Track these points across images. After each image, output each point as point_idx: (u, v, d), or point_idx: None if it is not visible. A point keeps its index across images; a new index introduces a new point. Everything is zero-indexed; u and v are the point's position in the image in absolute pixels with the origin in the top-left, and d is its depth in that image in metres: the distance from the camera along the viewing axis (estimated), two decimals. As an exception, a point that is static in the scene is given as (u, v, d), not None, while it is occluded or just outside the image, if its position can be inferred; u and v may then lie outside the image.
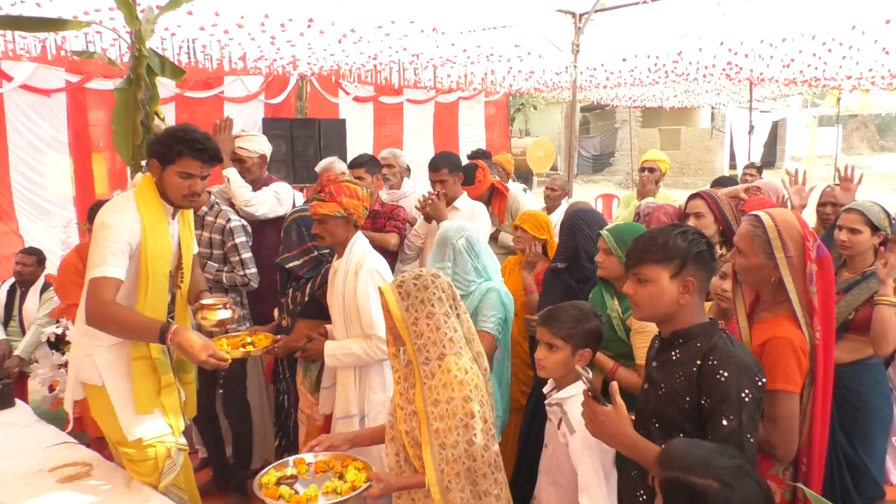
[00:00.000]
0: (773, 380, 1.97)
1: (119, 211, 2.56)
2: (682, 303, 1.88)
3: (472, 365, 2.17)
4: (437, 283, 2.19)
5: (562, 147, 20.80)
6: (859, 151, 30.62)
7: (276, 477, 2.26)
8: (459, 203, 4.23)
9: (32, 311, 4.74)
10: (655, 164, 5.24)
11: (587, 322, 2.34)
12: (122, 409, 2.60)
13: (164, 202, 2.64)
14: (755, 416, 1.71)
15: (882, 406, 2.97)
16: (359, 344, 2.83)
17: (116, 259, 2.46)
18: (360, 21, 6.02)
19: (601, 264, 2.79)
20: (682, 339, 1.90)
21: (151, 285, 2.57)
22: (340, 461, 2.34)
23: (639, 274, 1.91)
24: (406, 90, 9.17)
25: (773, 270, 2.10)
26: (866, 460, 2.88)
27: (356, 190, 2.94)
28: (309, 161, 7.04)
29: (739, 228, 2.23)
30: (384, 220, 4.20)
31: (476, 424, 2.10)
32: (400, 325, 2.16)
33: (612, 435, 1.83)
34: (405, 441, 2.24)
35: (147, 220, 2.55)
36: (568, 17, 6.53)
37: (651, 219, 3.47)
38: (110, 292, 2.45)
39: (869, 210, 3.01)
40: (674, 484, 1.45)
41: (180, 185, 2.59)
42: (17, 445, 3.02)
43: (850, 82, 10.70)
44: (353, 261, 2.90)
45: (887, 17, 5.96)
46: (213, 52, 6.90)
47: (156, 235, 2.58)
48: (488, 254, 3.12)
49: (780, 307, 2.13)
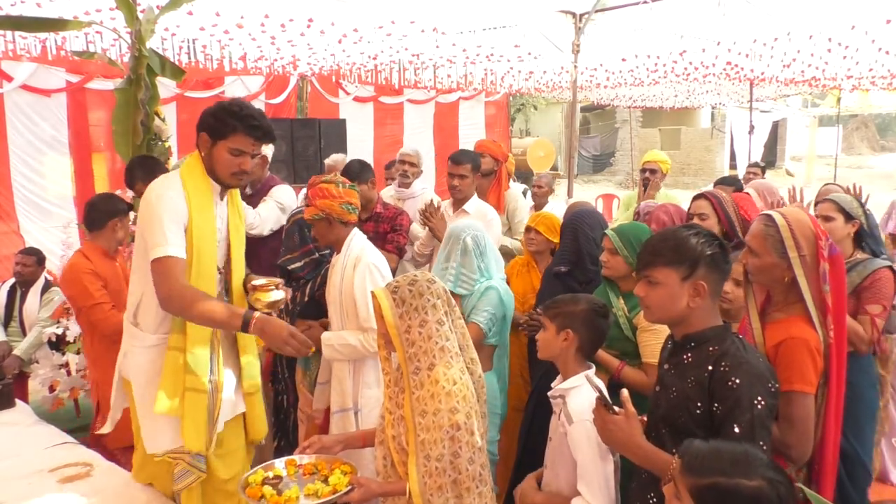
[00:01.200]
0: (789, 380, 1.96)
1: (165, 188, 2.42)
2: (693, 306, 1.85)
3: (463, 375, 2.12)
4: (433, 290, 2.14)
5: (562, 147, 20.79)
6: (859, 151, 30.61)
7: (263, 477, 2.25)
8: (469, 206, 4.09)
9: (33, 311, 4.74)
10: (657, 164, 5.23)
11: (574, 305, 2.32)
12: (143, 413, 2.49)
13: (212, 180, 2.50)
14: (767, 423, 1.70)
15: (870, 394, 3.00)
16: (356, 336, 2.84)
17: (175, 237, 2.34)
18: (361, 21, 6.02)
19: (606, 264, 2.79)
20: (695, 342, 1.87)
21: (196, 266, 2.41)
22: (329, 464, 2.32)
23: (649, 276, 1.88)
24: (406, 90, 9.17)
25: (785, 270, 2.08)
26: (857, 448, 2.90)
27: (328, 189, 2.93)
28: (309, 161, 7.03)
29: (752, 228, 2.21)
30: (387, 224, 4.06)
31: (462, 437, 2.04)
32: (392, 331, 2.11)
33: (622, 443, 1.82)
34: (391, 446, 2.20)
35: (193, 197, 2.42)
36: (568, 17, 6.53)
37: (651, 218, 3.47)
38: (180, 272, 2.32)
39: (841, 199, 3.07)
40: (716, 490, 1.40)
41: (230, 162, 2.44)
42: (18, 445, 3.02)
43: (850, 82, 10.70)
44: (350, 256, 2.92)
45: (887, 17, 5.96)
46: (214, 52, 6.90)
47: (202, 213, 2.44)
48: (493, 253, 3.11)
49: (792, 307, 2.11)
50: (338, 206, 2.91)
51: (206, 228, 2.45)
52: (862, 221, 3.04)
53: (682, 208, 3.57)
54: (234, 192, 2.65)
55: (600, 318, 2.34)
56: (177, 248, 2.32)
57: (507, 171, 4.77)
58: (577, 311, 2.30)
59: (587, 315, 2.31)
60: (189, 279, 2.38)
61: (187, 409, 2.42)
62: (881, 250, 3.09)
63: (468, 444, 2.05)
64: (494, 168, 4.52)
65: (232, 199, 2.64)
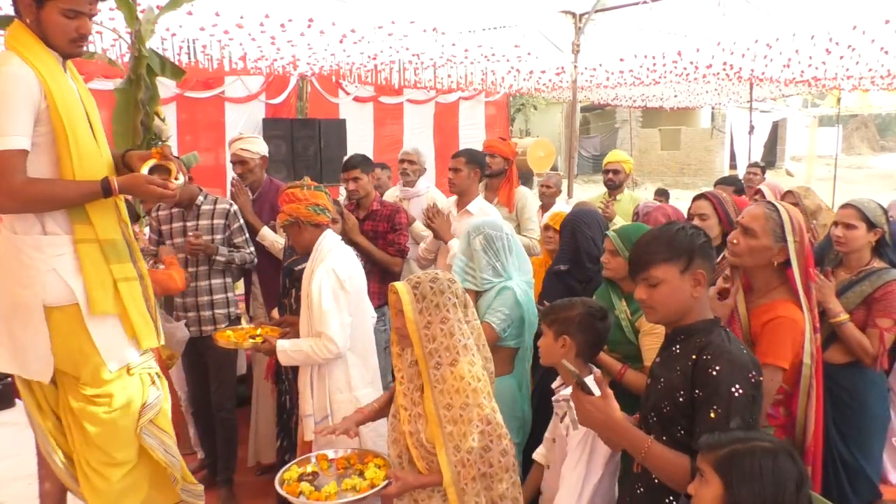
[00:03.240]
0: (764, 353, 2.13)
1: (2, 65, 2.05)
2: (696, 296, 1.88)
3: (484, 373, 2.19)
4: (453, 289, 2.20)
5: (562, 147, 20.80)
6: (859, 151, 30.62)
7: (298, 473, 2.28)
8: (473, 207, 4.04)
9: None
10: (619, 164, 5.25)
11: (570, 310, 2.34)
12: (94, 325, 2.18)
13: (50, 49, 2.16)
14: (744, 413, 1.73)
15: (878, 407, 2.95)
16: (308, 342, 2.84)
17: (18, 124, 2.01)
18: (361, 21, 6.02)
19: (607, 265, 2.79)
20: (684, 335, 1.91)
21: (75, 147, 2.12)
22: (361, 457, 2.36)
23: (648, 278, 1.90)
24: (406, 90, 9.15)
25: (776, 254, 2.22)
26: (861, 461, 2.87)
27: (293, 193, 2.97)
28: (309, 161, 7.04)
29: (750, 210, 2.33)
30: (385, 223, 4.05)
31: (493, 430, 2.11)
32: (411, 326, 2.14)
33: (600, 423, 1.84)
34: (409, 442, 2.23)
35: (41, 67, 2.08)
36: (568, 17, 6.53)
37: (650, 219, 3.48)
38: (19, 164, 2.03)
39: (865, 206, 2.93)
40: (736, 454, 1.51)
41: (66, 27, 2.12)
42: (17, 445, 3.02)
43: (850, 82, 10.69)
44: (317, 259, 2.93)
45: (887, 17, 5.96)
46: (214, 52, 6.89)
47: (60, 85, 2.11)
48: (514, 254, 3.03)
49: (775, 292, 2.25)
50: (304, 208, 2.92)
51: (71, 101, 2.14)
52: (885, 230, 2.91)
53: (679, 209, 3.60)
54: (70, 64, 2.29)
55: (597, 322, 2.36)
56: (16, 140, 2.02)
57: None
58: (573, 316, 2.33)
59: (583, 319, 2.33)
60: (71, 166, 2.12)
61: (129, 303, 2.23)
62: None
63: (499, 437, 2.12)
64: (505, 168, 4.52)
65: (73, 73, 2.29)
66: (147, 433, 2.30)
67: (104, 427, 2.23)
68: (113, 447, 2.25)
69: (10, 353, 2.21)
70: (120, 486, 2.26)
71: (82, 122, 2.18)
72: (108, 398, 2.24)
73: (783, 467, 1.47)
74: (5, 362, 2.22)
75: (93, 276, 2.18)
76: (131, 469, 2.29)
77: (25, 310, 2.15)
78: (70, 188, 2.13)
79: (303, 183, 3.02)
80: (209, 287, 3.71)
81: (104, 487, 2.24)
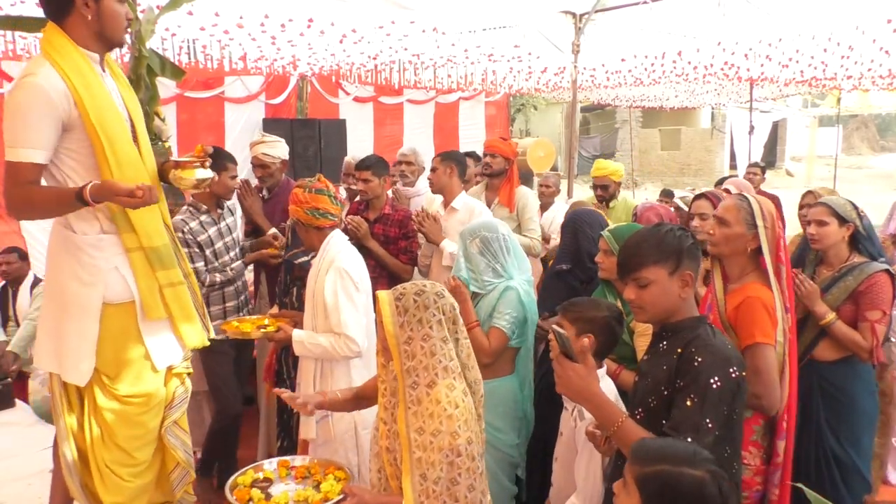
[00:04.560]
0: (751, 335, 2.26)
1: (28, 75, 2.05)
2: (684, 297, 1.93)
3: (465, 398, 2.00)
4: (440, 304, 2.01)
5: (562, 147, 20.79)
6: (859, 151, 30.61)
7: (252, 478, 2.21)
8: (457, 203, 4.01)
9: (25, 307, 4.74)
10: (607, 179, 5.25)
11: (595, 311, 2.41)
12: (146, 325, 2.25)
13: (87, 52, 2.15)
14: (721, 406, 1.73)
15: (867, 402, 3.01)
16: (327, 338, 2.83)
17: (37, 135, 2.01)
18: (360, 21, 6.01)
19: (602, 265, 2.80)
20: (671, 332, 1.94)
21: (111, 152, 2.11)
22: (324, 468, 2.27)
23: (639, 279, 1.93)
24: (406, 90, 9.15)
25: (750, 241, 2.42)
26: (853, 456, 2.91)
27: (295, 194, 2.98)
28: (309, 161, 7.04)
29: (725, 203, 2.54)
30: (396, 228, 4.01)
31: (462, 463, 1.93)
32: (391, 341, 2.00)
33: (578, 391, 1.85)
34: (385, 458, 2.10)
35: (73, 75, 2.07)
36: (568, 17, 6.52)
37: (641, 219, 3.49)
38: (29, 176, 2.05)
39: (835, 202, 3.04)
40: (661, 477, 1.43)
41: (120, 13, 2.12)
42: (18, 445, 3.02)
43: (850, 82, 10.69)
44: (325, 259, 2.92)
45: (887, 17, 5.96)
46: (214, 52, 6.88)
47: (92, 90, 2.10)
48: (513, 254, 3.02)
49: (748, 277, 2.43)
50: (302, 211, 2.93)
51: (105, 104, 2.12)
52: (857, 224, 2.98)
53: (670, 210, 3.63)
54: (109, 59, 2.29)
55: (617, 326, 2.44)
56: (27, 152, 2.02)
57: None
58: (599, 317, 2.40)
59: (608, 322, 2.41)
60: (110, 173, 2.11)
61: (174, 308, 2.29)
62: (879, 253, 3.04)
63: (468, 471, 1.94)
64: (505, 168, 4.47)
65: (112, 71, 2.28)
66: (171, 433, 2.34)
67: (133, 428, 2.26)
68: (136, 448, 2.28)
69: (53, 354, 2.23)
70: (134, 485, 2.28)
71: (120, 129, 2.17)
72: (144, 398, 2.27)
73: (707, 501, 1.39)
74: (46, 361, 2.25)
75: (142, 283, 2.24)
76: (143, 469, 2.31)
77: (80, 308, 2.18)
78: (50, 196, 2.13)
79: (306, 183, 3.01)
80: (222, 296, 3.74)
81: (120, 486, 2.26)
